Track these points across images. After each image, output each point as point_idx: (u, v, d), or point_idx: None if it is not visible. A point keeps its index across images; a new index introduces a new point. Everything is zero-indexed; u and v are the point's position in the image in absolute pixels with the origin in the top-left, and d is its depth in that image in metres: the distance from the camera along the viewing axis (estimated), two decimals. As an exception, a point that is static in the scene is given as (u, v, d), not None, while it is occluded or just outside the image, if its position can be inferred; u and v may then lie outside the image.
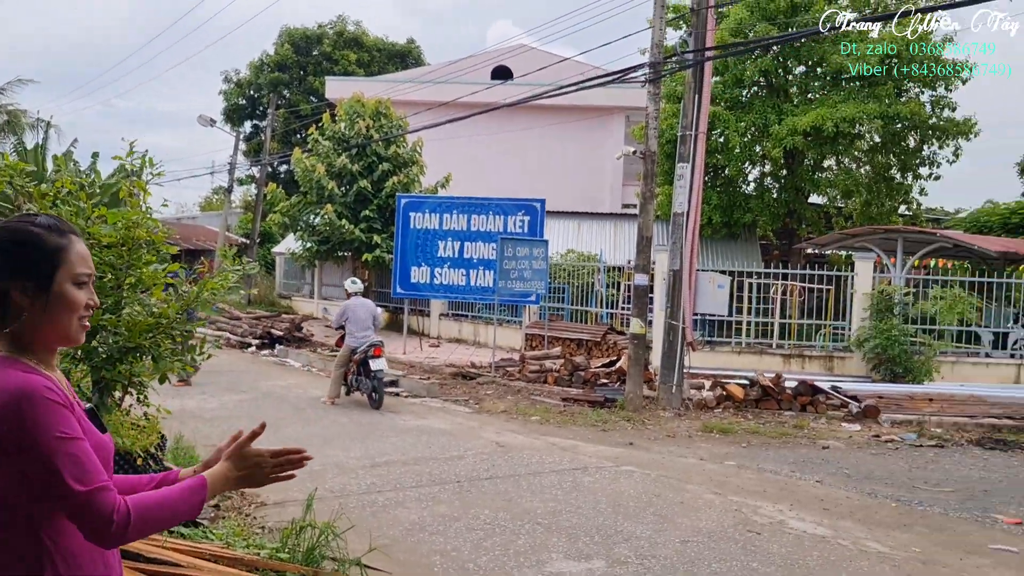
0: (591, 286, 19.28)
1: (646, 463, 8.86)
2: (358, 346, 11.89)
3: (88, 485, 1.69)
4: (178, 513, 1.84)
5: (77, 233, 1.88)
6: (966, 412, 12.00)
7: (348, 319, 12.10)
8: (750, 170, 23.11)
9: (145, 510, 1.76)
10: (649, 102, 12.67)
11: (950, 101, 21.99)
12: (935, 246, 18.31)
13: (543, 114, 27.22)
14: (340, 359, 12.18)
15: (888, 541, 6.40)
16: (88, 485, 1.69)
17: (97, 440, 1.83)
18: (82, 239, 1.89)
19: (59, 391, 1.74)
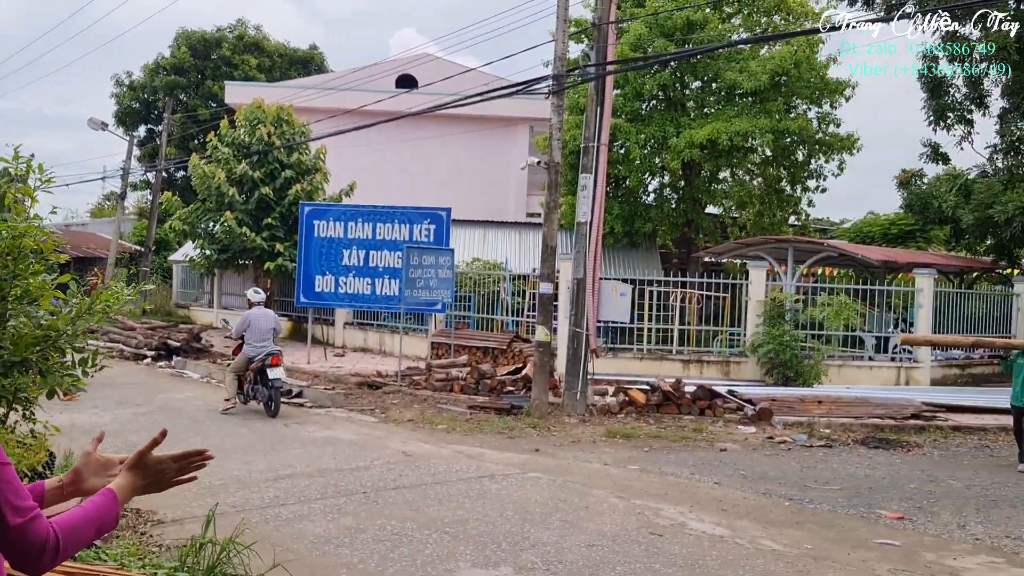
0: (497, 294, 19.40)
1: (552, 469, 8.98)
2: (256, 355, 11.85)
3: (24, 516, 1.66)
4: (101, 528, 1.82)
5: None
6: (852, 413, 12.63)
7: (248, 329, 12.02)
8: (650, 181, 23.71)
9: (71, 532, 1.73)
10: (553, 114, 12.88)
11: (835, 118, 23.12)
12: (823, 255, 19.22)
13: (448, 123, 27.25)
14: (235, 365, 12.23)
15: (782, 539, 6.68)
16: (24, 516, 1.66)
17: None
18: None
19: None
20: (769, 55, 21.74)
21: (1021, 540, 6.99)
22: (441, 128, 27.24)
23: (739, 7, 23.27)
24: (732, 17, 23.39)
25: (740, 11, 23.38)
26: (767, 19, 23.43)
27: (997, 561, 6.37)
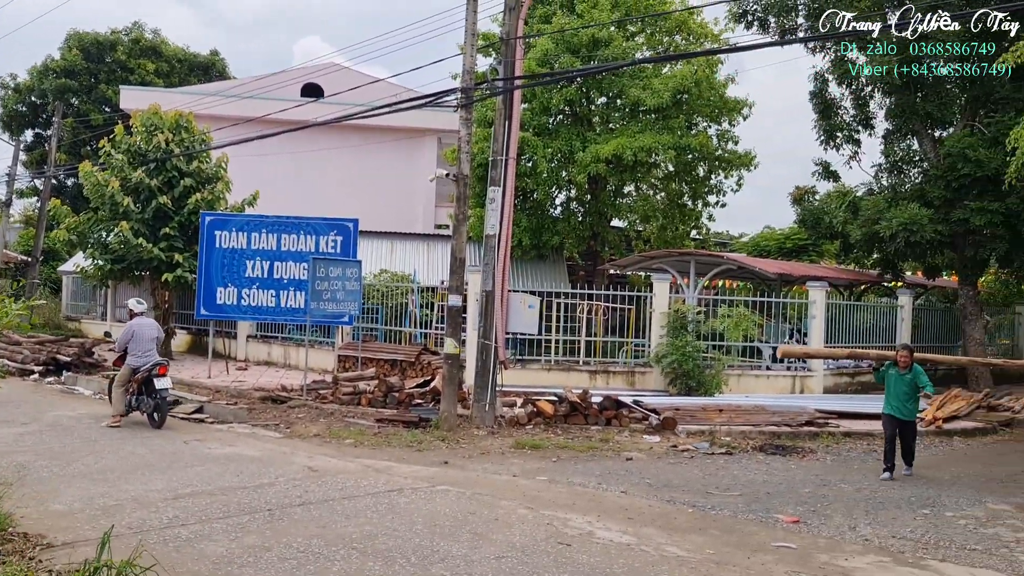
0: (405, 306, 19.28)
1: (461, 481, 8.97)
2: (140, 365, 11.79)
3: None
4: None
5: None
6: (751, 421, 13.08)
7: (132, 339, 11.88)
8: (557, 194, 24.03)
9: None
10: (462, 126, 12.92)
11: (733, 135, 23.99)
12: (723, 268, 19.87)
13: (356, 134, 27.01)
14: (120, 378, 12.01)
15: (686, 545, 6.86)
16: None
17: None
18: None
19: None
20: (671, 73, 22.39)
21: (906, 539, 7.38)
22: (348, 139, 26.97)
23: (642, 26, 23.90)
24: (636, 36, 24.00)
25: (643, 30, 24.02)
26: (669, 39, 24.15)
27: (884, 560, 6.70)
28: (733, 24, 21.12)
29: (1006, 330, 24.67)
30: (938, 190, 18.13)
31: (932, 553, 6.97)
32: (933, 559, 6.79)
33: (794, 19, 20.39)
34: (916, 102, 18.74)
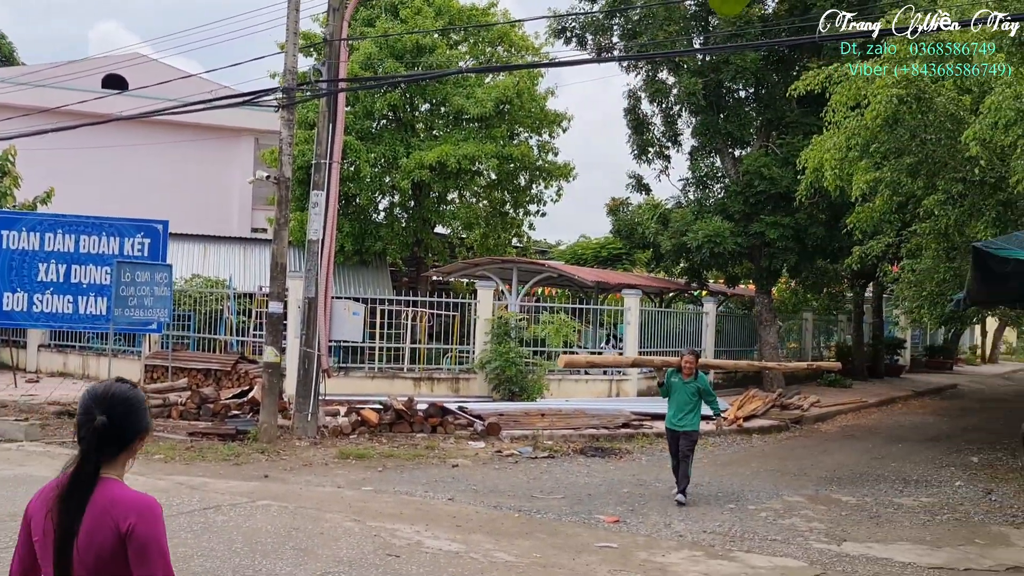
0: (220, 313, 18.37)
1: (283, 495, 8.65)
2: None
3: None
4: None
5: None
6: (571, 425, 13.50)
7: None
8: (380, 200, 23.76)
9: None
10: (283, 128, 12.51)
11: (553, 147, 24.73)
12: (544, 275, 20.41)
13: (165, 130, 25.47)
14: None
15: (513, 550, 6.96)
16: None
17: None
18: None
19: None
20: (494, 84, 22.76)
21: (715, 533, 7.86)
22: (157, 135, 25.40)
23: (466, 35, 24.15)
24: (459, 44, 24.20)
25: (467, 39, 24.27)
26: (491, 50, 24.54)
27: (697, 555, 7.10)
28: (553, 39, 21.86)
29: (795, 334, 26.95)
30: (738, 205, 19.55)
31: (739, 545, 7.47)
32: (740, 551, 7.28)
33: (610, 38, 21.38)
34: (719, 122, 20.13)
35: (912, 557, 7.30)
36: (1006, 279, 7.56)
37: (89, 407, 2.40)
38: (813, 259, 20.68)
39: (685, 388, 9.30)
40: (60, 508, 2.29)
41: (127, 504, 2.34)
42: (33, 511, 2.41)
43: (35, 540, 2.39)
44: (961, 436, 15.76)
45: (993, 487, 10.68)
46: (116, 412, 2.40)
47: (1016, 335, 51.85)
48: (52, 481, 2.41)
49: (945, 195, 10.39)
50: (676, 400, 9.33)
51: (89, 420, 2.37)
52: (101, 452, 2.37)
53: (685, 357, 9.47)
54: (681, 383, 9.33)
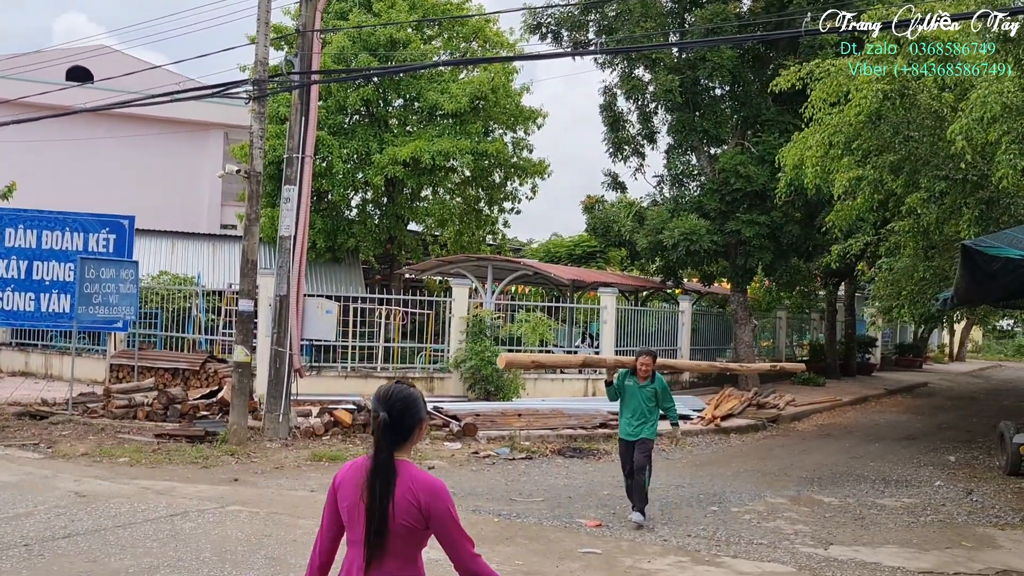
0: (188, 311, 17.94)
1: (254, 500, 8.34)
2: None
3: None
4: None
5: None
6: (548, 425, 13.29)
7: None
8: (353, 196, 23.40)
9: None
10: (254, 121, 12.16)
11: (528, 143, 24.50)
12: (519, 273, 20.20)
13: (131, 124, 24.88)
14: None
15: (495, 557, 6.71)
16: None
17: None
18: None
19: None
20: (468, 79, 22.49)
21: (700, 538, 7.69)
22: (124, 129, 24.79)
23: (440, 30, 23.84)
24: (434, 39, 23.88)
25: (441, 34, 23.96)
26: (466, 45, 24.25)
27: (683, 560, 6.91)
28: (528, 35, 21.61)
29: (768, 332, 27.00)
30: (714, 203, 19.47)
31: (724, 550, 7.30)
32: (726, 555, 7.11)
33: (585, 34, 21.20)
34: (695, 120, 20.03)
35: (900, 561, 7.17)
36: (994, 277, 7.46)
37: (375, 406, 2.92)
38: (788, 257, 20.66)
39: (640, 392, 8.25)
40: (369, 486, 2.84)
41: (420, 484, 2.86)
42: (340, 482, 3.01)
43: (342, 506, 2.97)
44: (936, 435, 15.79)
45: (973, 487, 10.64)
46: (395, 408, 2.90)
47: (982, 334, 52.62)
48: (360, 459, 2.99)
49: (927, 193, 10.31)
50: (630, 406, 8.31)
51: (376, 417, 2.90)
52: (389, 442, 2.88)
53: (641, 358, 8.30)
54: (636, 387, 8.28)
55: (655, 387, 8.28)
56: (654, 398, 8.22)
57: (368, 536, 2.83)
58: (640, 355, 8.37)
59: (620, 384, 8.38)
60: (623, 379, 8.37)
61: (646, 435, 8.22)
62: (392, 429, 2.88)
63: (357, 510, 2.88)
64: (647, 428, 8.24)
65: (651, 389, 8.23)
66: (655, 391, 8.26)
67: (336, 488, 3.02)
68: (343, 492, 2.98)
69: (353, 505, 2.91)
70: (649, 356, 8.33)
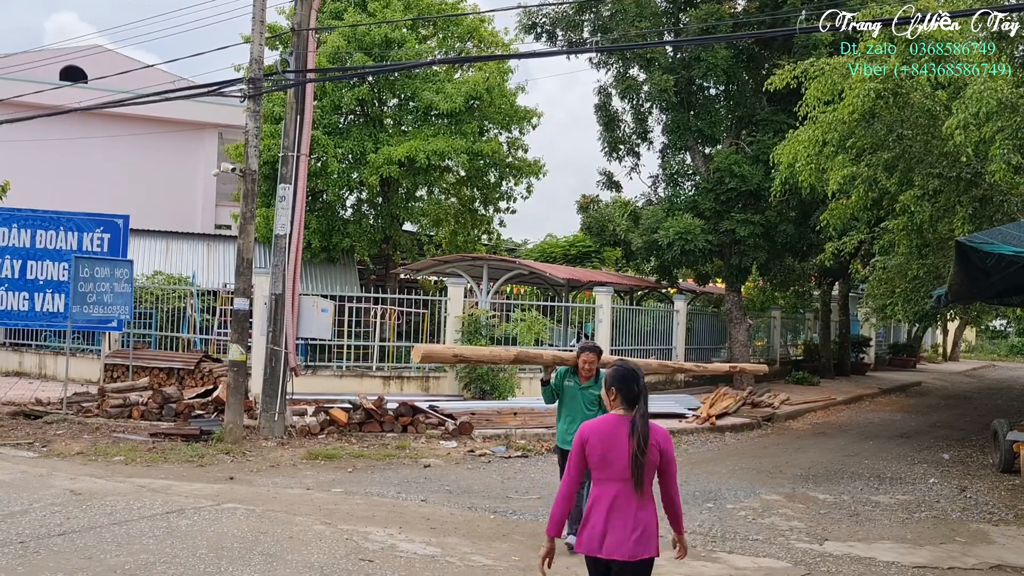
0: (183, 311, 17.92)
1: (250, 498, 8.33)
2: None
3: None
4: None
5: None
6: (544, 423, 13.29)
7: None
8: (348, 196, 23.40)
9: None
10: (249, 119, 12.16)
11: (523, 143, 24.52)
12: (515, 273, 20.21)
13: (126, 123, 24.86)
14: None
15: (491, 553, 6.73)
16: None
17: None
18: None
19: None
20: (463, 79, 22.50)
21: (696, 533, 7.69)
22: (118, 128, 24.77)
23: (435, 30, 23.84)
24: (429, 39, 23.89)
25: (436, 34, 23.96)
26: (461, 45, 24.26)
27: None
28: (523, 35, 21.61)
29: (763, 332, 27.05)
30: (708, 202, 19.50)
31: (720, 545, 7.32)
32: (722, 551, 7.12)
33: (580, 34, 21.21)
34: (689, 119, 20.07)
35: (895, 556, 7.20)
36: (988, 274, 7.49)
37: (628, 381, 4.04)
38: (782, 257, 20.71)
39: (582, 395, 7.03)
40: (637, 436, 3.89)
41: (657, 433, 3.99)
42: (587, 438, 3.99)
43: (590, 456, 3.97)
44: (930, 433, 15.84)
45: (967, 484, 10.68)
46: (641, 381, 4.04)
47: (975, 334, 52.79)
48: (601, 420, 4.07)
49: (921, 191, 10.36)
50: (569, 409, 7.09)
51: (630, 388, 4.02)
52: (644, 403, 4.00)
53: (583, 354, 7.03)
54: (577, 388, 7.07)
55: (600, 390, 6.44)
56: (597, 403, 6.89)
57: (634, 470, 3.86)
58: (582, 351, 7.08)
59: (559, 384, 7.20)
60: (562, 378, 7.19)
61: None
62: (642, 396, 3.99)
63: (607, 457, 3.93)
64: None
65: (595, 392, 6.93)
66: (599, 396, 6.76)
67: (583, 443, 3.99)
68: (590, 446, 3.97)
69: (602, 454, 3.94)
70: (592, 352, 7.09)
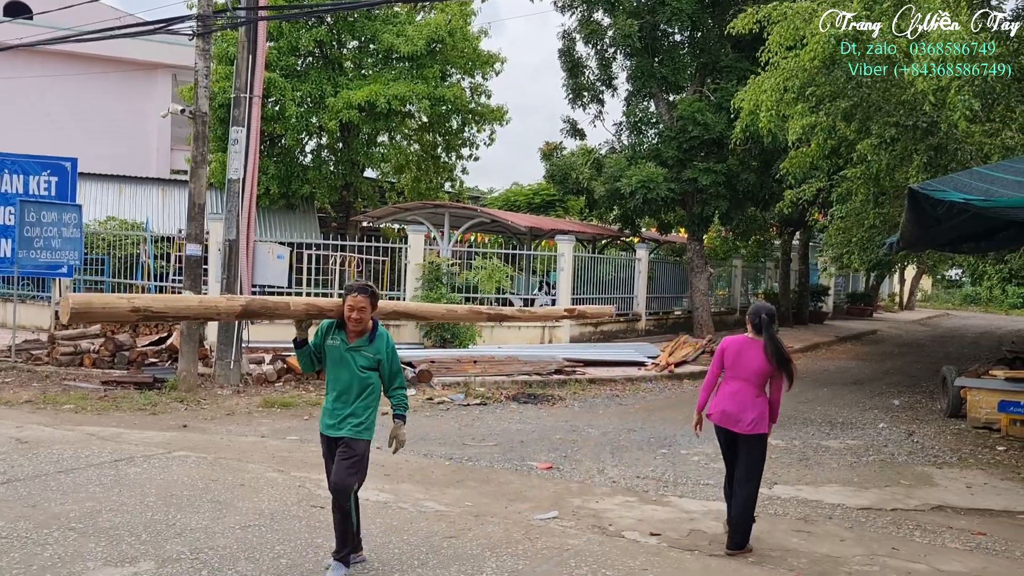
0: (137, 257, 17.56)
1: (202, 446, 8.25)
2: None
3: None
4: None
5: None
6: (504, 371, 13.32)
7: None
8: (307, 141, 22.94)
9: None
10: (198, 58, 11.77)
11: (486, 89, 24.14)
12: (476, 221, 20.06)
13: (75, 63, 24.01)
14: None
15: (444, 499, 6.74)
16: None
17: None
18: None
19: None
20: (425, 21, 22.00)
21: (648, 479, 7.79)
22: (66, 67, 23.93)
23: (396, -30, 23.21)
24: (390, -21, 23.26)
25: (398, -26, 23.34)
26: (423, -15, 23.66)
27: (631, 500, 7.00)
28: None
29: (724, 281, 27.28)
30: (671, 151, 19.41)
31: (672, 490, 7.40)
32: (673, 495, 7.21)
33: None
34: (654, 66, 19.86)
35: (841, 498, 7.34)
36: (939, 222, 7.53)
37: (755, 313, 5.72)
38: (744, 206, 20.77)
39: (352, 358, 4.97)
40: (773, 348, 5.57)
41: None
42: (725, 349, 5.75)
43: (727, 361, 5.71)
44: (883, 379, 16.16)
45: (915, 429, 10.92)
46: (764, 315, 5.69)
47: (931, 283, 53.82)
48: (734, 338, 5.79)
49: (878, 139, 10.35)
50: (336, 378, 5.03)
51: (758, 318, 5.68)
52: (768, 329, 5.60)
53: (351, 298, 4.87)
54: (344, 348, 4.98)
55: (377, 351, 5.01)
56: (373, 367, 5.00)
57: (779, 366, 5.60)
58: (348, 292, 4.93)
59: (319, 343, 5.06)
60: (323, 336, 5.05)
61: (351, 433, 4.98)
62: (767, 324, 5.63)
63: (737, 363, 5.68)
64: (359, 418, 5.00)
65: (369, 353, 4.98)
66: (375, 359, 5.00)
67: (723, 352, 5.77)
68: (728, 353, 5.74)
69: (733, 361, 5.70)
70: (363, 295, 4.88)
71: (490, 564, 5.32)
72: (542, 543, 5.74)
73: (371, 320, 5.01)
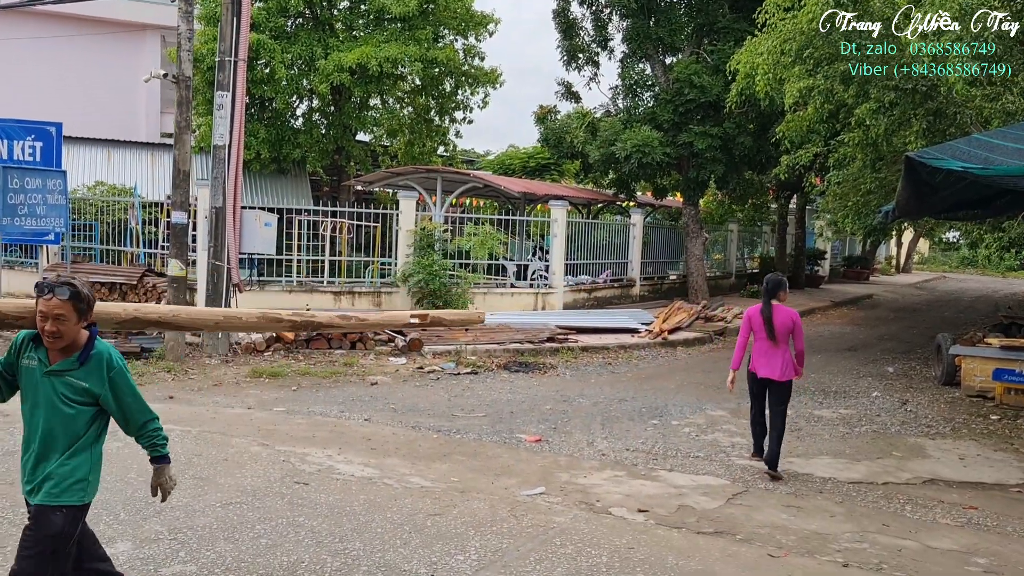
0: (125, 223, 17.34)
1: (188, 418, 8.15)
2: None
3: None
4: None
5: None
6: (495, 339, 13.21)
7: None
8: (298, 104, 22.58)
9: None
10: (181, 21, 11.48)
11: (480, 51, 23.70)
12: (469, 186, 19.83)
13: (61, 24, 23.53)
14: None
15: (430, 474, 6.65)
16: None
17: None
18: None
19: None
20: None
21: (638, 452, 7.71)
22: (52, 29, 23.45)
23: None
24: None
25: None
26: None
27: (619, 474, 6.92)
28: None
29: (720, 246, 27.11)
30: (667, 114, 19.13)
31: (661, 463, 7.32)
32: (663, 469, 7.13)
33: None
34: (650, 27, 19.50)
35: (832, 472, 7.27)
36: (936, 190, 7.37)
37: (765, 281, 7.19)
38: (740, 170, 20.54)
39: (51, 387, 3.48)
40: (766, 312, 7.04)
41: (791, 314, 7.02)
42: (751, 316, 7.20)
43: (753, 324, 7.14)
44: (877, 346, 16.09)
45: (908, 397, 10.85)
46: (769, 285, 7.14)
47: (928, 246, 53.66)
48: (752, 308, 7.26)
49: (877, 104, 10.13)
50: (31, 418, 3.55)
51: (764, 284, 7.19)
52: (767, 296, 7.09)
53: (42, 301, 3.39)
54: (41, 372, 3.50)
55: (91, 379, 3.52)
56: (89, 402, 3.55)
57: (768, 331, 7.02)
58: (40, 294, 3.43)
59: (11, 360, 3.57)
60: (17, 351, 3.56)
61: (46, 500, 3.48)
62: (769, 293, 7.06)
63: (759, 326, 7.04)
64: (54, 480, 3.51)
65: (79, 382, 3.50)
66: (90, 389, 3.52)
67: (749, 319, 7.17)
68: (753, 321, 7.12)
69: (759, 325, 7.05)
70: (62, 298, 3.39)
71: (474, 543, 5.24)
72: (528, 520, 5.66)
73: (89, 332, 3.51)
